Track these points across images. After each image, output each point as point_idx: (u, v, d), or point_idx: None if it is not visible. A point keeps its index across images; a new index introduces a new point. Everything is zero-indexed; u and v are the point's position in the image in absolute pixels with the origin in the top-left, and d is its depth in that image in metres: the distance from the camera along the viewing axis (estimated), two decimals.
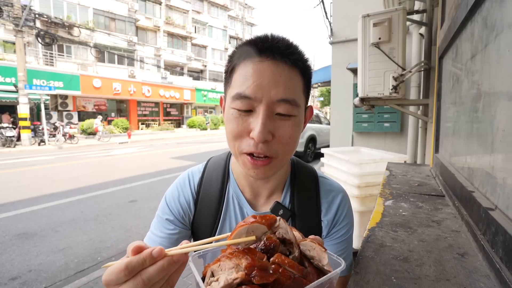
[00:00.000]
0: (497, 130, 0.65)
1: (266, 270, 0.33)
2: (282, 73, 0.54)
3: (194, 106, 26.16)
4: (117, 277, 0.33)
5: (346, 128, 4.96)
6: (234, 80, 0.56)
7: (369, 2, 3.60)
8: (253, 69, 0.54)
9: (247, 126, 0.54)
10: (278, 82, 0.53)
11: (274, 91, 0.53)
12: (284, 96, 0.53)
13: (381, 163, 2.32)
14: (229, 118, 0.57)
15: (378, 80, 2.41)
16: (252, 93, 0.52)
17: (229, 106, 0.57)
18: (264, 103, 0.53)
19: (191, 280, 2.43)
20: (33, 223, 3.72)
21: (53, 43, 12.72)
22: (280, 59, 0.54)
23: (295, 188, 0.69)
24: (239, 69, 0.56)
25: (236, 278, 0.32)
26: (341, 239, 0.68)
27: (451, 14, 1.24)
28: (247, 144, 0.54)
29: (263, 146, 0.53)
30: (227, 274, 0.32)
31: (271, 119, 0.54)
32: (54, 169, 7.27)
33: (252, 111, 0.54)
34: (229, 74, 0.59)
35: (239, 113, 0.55)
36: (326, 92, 23.47)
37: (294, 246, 0.38)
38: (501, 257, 0.53)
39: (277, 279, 0.32)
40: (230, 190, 0.69)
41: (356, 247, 2.35)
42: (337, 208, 0.68)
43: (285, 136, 0.55)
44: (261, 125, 0.52)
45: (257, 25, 37.49)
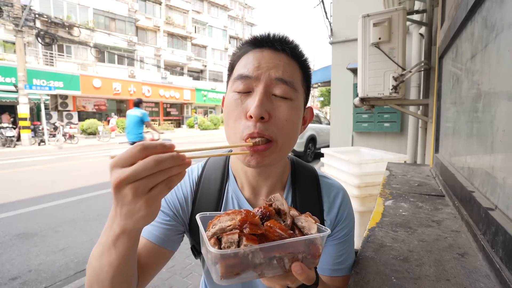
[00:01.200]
0: (497, 130, 0.65)
1: (257, 225, 0.38)
2: (281, 59, 0.57)
3: (194, 106, 26.16)
4: (130, 154, 0.37)
5: (346, 128, 4.96)
6: (236, 69, 0.59)
7: (369, 2, 3.60)
8: (253, 55, 0.57)
9: (246, 107, 0.55)
10: (277, 65, 0.56)
11: (273, 71, 0.55)
12: (282, 76, 0.55)
13: (381, 163, 2.32)
14: (228, 102, 0.58)
15: (378, 80, 2.41)
16: (252, 72, 0.55)
17: (229, 91, 0.59)
18: (262, 81, 0.55)
19: (191, 280, 2.44)
20: (33, 223, 3.72)
21: (53, 43, 12.73)
22: (279, 49, 0.57)
23: (297, 188, 0.68)
24: (241, 60, 0.59)
25: (229, 225, 0.38)
26: (343, 238, 0.67)
27: (451, 14, 1.24)
28: (246, 126, 0.54)
29: (261, 125, 0.53)
30: (223, 223, 0.39)
31: (268, 98, 0.55)
32: (54, 169, 7.27)
33: (251, 92, 0.56)
34: (231, 67, 0.62)
35: (238, 95, 0.56)
36: (326, 92, 23.46)
37: (288, 216, 0.43)
38: (501, 257, 0.53)
39: (265, 234, 0.37)
40: (229, 189, 0.68)
41: (356, 247, 2.35)
42: (339, 207, 0.68)
43: (282, 118, 0.55)
44: (258, 100, 0.52)
45: (257, 25, 37.50)
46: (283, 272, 0.40)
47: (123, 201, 0.38)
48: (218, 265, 0.36)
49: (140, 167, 0.36)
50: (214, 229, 0.39)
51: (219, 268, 0.36)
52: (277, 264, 0.38)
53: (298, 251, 0.39)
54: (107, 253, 0.44)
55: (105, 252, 0.44)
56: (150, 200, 0.37)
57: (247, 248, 0.35)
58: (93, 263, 0.47)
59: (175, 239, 0.65)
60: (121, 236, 0.42)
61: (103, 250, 0.45)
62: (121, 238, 0.42)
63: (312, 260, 0.41)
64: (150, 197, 0.37)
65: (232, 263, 0.36)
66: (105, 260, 0.45)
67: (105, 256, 0.44)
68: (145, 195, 0.37)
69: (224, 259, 0.35)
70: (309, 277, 0.39)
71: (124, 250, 0.43)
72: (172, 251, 0.64)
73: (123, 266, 0.45)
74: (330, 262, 0.66)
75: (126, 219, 0.39)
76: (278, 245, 0.37)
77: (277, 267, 0.39)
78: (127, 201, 0.37)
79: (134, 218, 0.38)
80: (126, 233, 0.41)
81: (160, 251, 0.61)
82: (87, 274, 0.49)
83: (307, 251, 0.40)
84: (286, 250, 0.38)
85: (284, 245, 0.37)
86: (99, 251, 0.46)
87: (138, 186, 0.36)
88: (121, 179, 0.36)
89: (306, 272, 0.39)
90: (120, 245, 0.43)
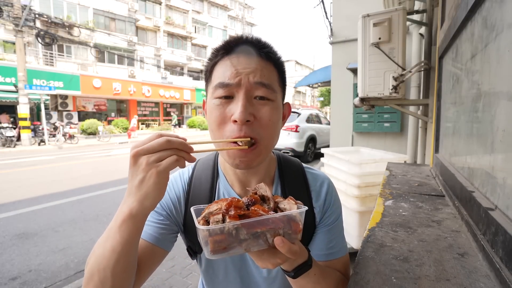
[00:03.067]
0: (497, 130, 0.65)
1: (241, 208, 0.44)
2: (257, 63, 0.59)
3: (194, 106, 26.16)
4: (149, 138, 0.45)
5: (346, 128, 4.96)
6: (214, 75, 0.61)
7: (369, 2, 3.60)
8: (231, 62, 0.59)
9: (229, 112, 0.57)
10: (254, 69, 0.58)
11: (251, 76, 0.57)
12: (261, 80, 0.58)
13: (381, 163, 2.32)
14: (211, 108, 0.60)
15: (378, 80, 2.41)
16: (231, 80, 0.57)
17: (210, 98, 0.61)
18: (243, 87, 0.57)
19: (191, 280, 2.44)
20: (33, 223, 3.72)
21: (53, 43, 12.73)
22: (253, 52, 0.59)
23: (285, 180, 0.72)
24: (217, 67, 0.61)
25: (216, 209, 0.45)
26: (333, 223, 0.72)
27: (451, 14, 1.24)
28: (231, 130, 0.57)
29: (246, 128, 0.56)
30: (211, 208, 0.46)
31: (251, 102, 0.57)
32: (54, 169, 7.28)
33: (232, 97, 0.58)
34: (209, 74, 0.64)
35: (220, 101, 0.58)
36: (326, 92, 23.46)
37: (271, 201, 0.50)
38: (501, 257, 0.53)
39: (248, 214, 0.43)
40: (221, 187, 0.70)
41: (356, 247, 2.35)
42: (326, 194, 0.73)
43: (265, 118, 0.58)
44: (241, 106, 0.55)
45: (257, 25, 37.50)
46: (268, 247, 0.45)
47: (138, 170, 0.44)
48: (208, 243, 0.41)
49: (154, 142, 0.44)
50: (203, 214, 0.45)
51: (209, 244, 0.41)
52: (261, 240, 0.43)
53: (278, 227, 0.44)
54: (112, 237, 0.47)
55: (110, 236, 0.47)
56: (160, 170, 0.44)
57: (230, 223, 0.41)
58: (96, 251, 0.50)
59: (169, 239, 0.67)
60: (128, 219, 0.46)
61: (108, 235, 0.48)
62: (127, 221, 0.46)
63: (294, 235, 0.46)
64: (160, 167, 0.44)
65: (219, 239, 0.41)
66: (109, 245, 0.47)
67: (110, 241, 0.47)
68: (156, 164, 0.44)
69: (211, 236, 0.41)
70: (291, 249, 0.44)
71: (128, 234, 0.47)
72: (166, 250, 0.66)
73: (125, 252, 0.48)
74: (323, 248, 0.70)
75: (137, 190, 0.45)
76: (258, 220, 0.42)
77: (261, 242, 0.44)
78: (141, 169, 0.44)
79: (144, 188, 0.44)
80: (133, 215, 0.45)
81: (154, 250, 0.63)
82: (89, 264, 0.50)
83: (288, 227, 0.45)
84: (266, 226, 0.43)
85: (264, 221, 0.42)
86: (104, 237, 0.49)
87: (151, 156, 0.44)
88: (138, 151, 0.44)
89: (287, 245, 0.43)
90: (125, 229, 0.46)
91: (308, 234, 0.70)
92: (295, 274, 0.51)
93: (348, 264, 0.73)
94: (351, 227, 2.36)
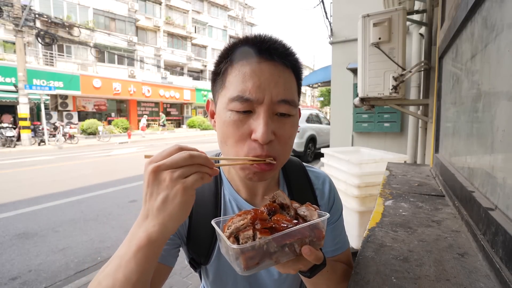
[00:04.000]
0: (497, 130, 0.65)
1: (266, 220, 0.44)
2: (281, 74, 0.54)
3: (194, 106, 26.15)
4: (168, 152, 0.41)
5: (346, 128, 4.96)
6: (230, 81, 0.54)
7: (369, 2, 3.60)
8: (252, 70, 0.52)
9: (248, 128, 0.53)
10: (277, 83, 0.53)
11: (274, 92, 0.53)
12: (284, 97, 0.54)
13: (381, 163, 2.32)
14: (226, 121, 0.54)
15: (378, 80, 2.41)
16: (253, 95, 0.51)
17: (225, 108, 0.55)
18: (265, 104, 0.52)
19: (191, 280, 2.44)
20: (33, 223, 3.72)
21: (53, 43, 12.73)
22: (278, 60, 0.54)
23: (290, 181, 0.72)
24: (235, 70, 0.54)
25: (242, 224, 0.43)
26: (337, 220, 0.73)
27: (451, 14, 1.24)
28: (251, 148, 0.53)
29: (267, 147, 0.53)
30: (236, 223, 0.44)
31: (272, 119, 0.54)
32: (54, 169, 7.28)
33: (251, 111, 0.53)
34: (222, 75, 0.57)
35: (238, 115, 0.53)
36: (326, 92, 23.45)
37: (290, 209, 0.49)
38: (501, 257, 0.53)
39: (274, 227, 0.43)
40: (226, 193, 0.68)
41: (356, 247, 2.35)
42: (329, 191, 0.73)
43: (285, 136, 0.56)
44: (264, 126, 0.51)
45: (257, 25, 37.49)
46: (295, 256, 0.45)
47: (159, 187, 0.39)
48: (239, 259, 0.41)
49: (177, 157, 0.40)
50: (230, 229, 0.44)
51: (241, 261, 0.40)
52: (289, 250, 0.44)
53: (305, 236, 0.44)
54: (125, 266, 0.41)
55: (123, 265, 0.41)
56: (186, 186, 0.39)
57: (262, 240, 0.41)
58: (104, 283, 0.43)
59: (173, 254, 0.64)
60: (146, 246, 0.40)
61: (120, 263, 0.42)
62: (144, 248, 0.40)
63: (318, 242, 0.46)
64: (186, 182, 0.39)
65: (251, 255, 0.41)
66: (121, 275, 0.41)
67: (122, 270, 0.41)
68: (182, 180, 0.39)
69: (244, 253, 0.40)
70: (317, 257, 0.44)
71: (146, 262, 0.41)
72: (171, 267, 0.63)
73: (141, 282, 0.42)
74: (330, 244, 0.71)
75: (159, 211, 0.39)
76: (287, 233, 0.42)
77: (289, 252, 0.44)
78: (164, 187, 0.39)
79: (169, 208, 0.39)
80: (152, 240, 0.40)
81: (160, 268, 0.59)
82: None
83: (312, 235, 0.45)
84: (294, 237, 0.43)
85: (292, 233, 0.43)
86: (114, 266, 0.43)
87: (174, 171, 0.39)
88: (159, 165, 0.39)
89: (314, 253, 0.43)
90: (142, 256, 0.40)
91: None
92: (311, 274, 0.50)
93: (350, 256, 0.74)
94: (351, 227, 2.36)
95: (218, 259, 0.66)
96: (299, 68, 0.59)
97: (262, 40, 0.55)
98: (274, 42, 0.56)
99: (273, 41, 0.56)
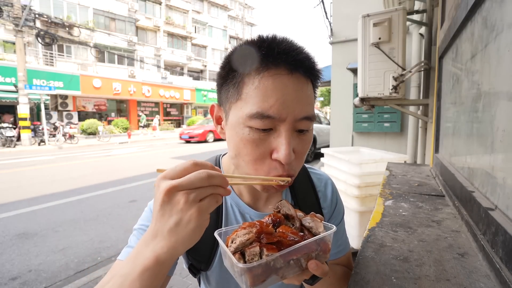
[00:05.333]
0: (497, 130, 0.65)
1: (272, 234, 0.42)
2: (302, 89, 0.51)
3: (194, 106, 26.15)
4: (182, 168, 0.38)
5: (346, 128, 4.96)
6: (247, 93, 0.50)
7: (369, 2, 3.60)
8: (274, 84, 0.48)
9: (268, 146, 0.50)
10: (300, 99, 0.50)
11: (298, 109, 0.50)
12: (307, 114, 0.51)
13: (381, 163, 2.32)
14: (244, 139, 0.50)
15: (378, 80, 2.41)
16: (277, 113, 0.48)
17: (241, 124, 0.51)
18: (287, 122, 0.49)
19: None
20: (33, 223, 3.72)
21: (53, 43, 12.73)
22: (296, 70, 0.50)
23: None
24: (254, 80, 0.49)
25: (248, 238, 0.41)
26: (338, 223, 0.73)
27: (451, 14, 1.24)
28: (272, 167, 0.51)
29: (288, 166, 0.51)
30: (241, 237, 0.41)
31: (293, 137, 0.51)
32: (54, 169, 7.28)
33: (272, 129, 0.50)
34: (237, 83, 0.51)
35: (257, 133, 0.49)
36: (326, 92, 23.42)
37: (296, 220, 0.48)
38: (501, 257, 0.53)
39: (280, 241, 0.42)
40: (227, 198, 0.66)
41: (356, 247, 2.35)
42: (332, 194, 0.73)
43: (303, 153, 0.54)
44: (287, 147, 0.48)
45: (257, 25, 37.50)
46: (301, 271, 0.44)
47: (172, 209, 0.37)
48: (244, 276, 0.39)
49: (193, 176, 0.37)
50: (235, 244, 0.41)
51: (248, 278, 0.39)
52: (295, 265, 0.43)
53: (311, 250, 0.44)
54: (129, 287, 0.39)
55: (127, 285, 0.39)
56: (202, 210, 0.37)
57: (269, 257, 0.40)
58: None
59: None
60: (153, 266, 0.38)
61: (123, 283, 0.39)
62: (152, 269, 0.38)
63: (324, 255, 0.46)
64: (202, 206, 0.37)
65: (258, 273, 0.40)
66: None
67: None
68: (197, 204, 0.37)
69: (251, 271, 0.39)
70: (323, 271, 0.43)
71: (152, 282, 0.39)
72: (169, 276, 0.61)
73: None
74: (333, 248, 0.71)
75: (171, 234, 0.37)
76: (295, 249, 0.42)
77: (295, 267, 0.43)
78: (178, 209, 0.37)
79: (181, 232, 0.37)
80: (160, 262, 0.38)
81: None
82: None
83: (319, 248, 0.45)
84: (301, 252, 0.43)
85: (300, 248, 0.42)
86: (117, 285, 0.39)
87: (190, 193, 0.37)
88: (174, 185, 0.36)
89: (321, 268, 0.42)
90: (149, 277, 0.38)
91: None
92: (313, 282, 0.49)
93: (351, 258, 0.74)
94: (351, 227, 2.36)
95: (220, 266, 0.65)
96: (316, 73, 0.55)
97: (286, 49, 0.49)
98: (300, 52, 0.51)
99: (298, 51, 0.51)
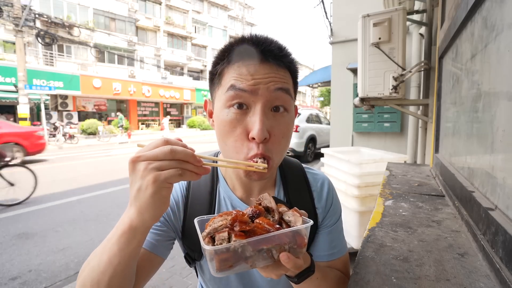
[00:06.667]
0: (497, 130, 0.65)
1: (246, 223, 0.43)
2: (276, 72, 0.55)
3: (194, 106, 26.16)
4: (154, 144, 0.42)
5: (346, 128, 4.96)
6: (225, 80, 0.56)
7: (369, 2, 3.60)
8: (247, 70, 0.54)
9: (245, 127, 0.54)
10: (274, 77, 0.54)
11: (271, 83, 0.54)
12: (281, 85, 0.55)
13: (381, 163, 2.32)
14: (224, 120, 0.55)
15: (378, 80, 2.41)
16: (248, 87, 0.53)
17: (221, 107, 0.56)
18: (261, 97, 0.53)
19: (191, 280, 2.44)
20: (33, 223, 3.72)
21: (53, 43, 12.71)
22: (273, 62, 0.55)
23: (287, 182, 0.71)
24: (231, 70, 0.55)
25: (221, 225, 0.43)
26: (334, 224, 0.72)
27: (451, 14, 1.24)
28: (249, 147, 0.54)
29: (263, 146, 0.53)
30: (215, 223, 0.44)
31: (268, 115, 0.54)
32: (54, 169, 7.27)
33: (247, 108, 0.54)
34: (219, 75, 0.58)
35: (234, 114, 0.54)
36: (326, 92, 23.44)
37: (275, 212, 0.48)
38: (501, 257, 0.53)
39: (254, 230, 0.42)
40: (221, 191, 0.68)
41: (356, 247, 2.35)
42: (327, 194, 0.73)
43: (279, 136, 0.56)
44: (260, 123, 0.52)
45: (257, 25, 37.49)
46: (273, 262, 0.44)
47: (136, 177, 0.41)
48: (213, 260, 0.41)
49: (158, 150, 0.41)
50: (208, 229, 0.43)
51: (215, 262, 0.41)
52: (266, 255, 0.43)
53: (284, 242, 0.44)
54: (110, 249, 0.44)
55: (108, 247, 0.45)
56: (158, 178, 0.40)
57: (236, 243, 0.40)
58: (92, 262, 0.47)
59: (166, 245, 0.64)
60: (128, 231, 0.43)
61: (106, 245, 0.45)
62: (127, 233, 0.43)
63: (299, 249, 0.45)
64: (159, 175, 0.40)
65: (225, 257, 0.41)
66: (106, 257, 0.45)
67: (107, 253, 0.45)
68: (154, 172, 0.40)
69: (217, 254, 0.40)
70: (296, 264, 0.43)
71: (127, 247, 0.44)
72: (163, 258, 0.63)
73: (123, 266, 0.45)
74: (325, 249, 0.69)
75: (135, 200, 0.41)
76: (264, 238, 0.42)
77: (266, 258, 0.43)
78: (138, 176, 0.41)
79: (142, 198, 0.41)
80: (133, 227, 0.43)
81: (151, 257, 0.60)
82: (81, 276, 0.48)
83: (293, 241, 0.44)
84: (272, 242, 0.42)
85: (270, 238, 0.42)
86: (101, 247, 0.46)
87: (151, 163, 0.40)
88: (138, 156, 0.41)
89: (292, 260, 0.43)
90: (125, 241, 0.43)
91: (310, 235, 0.69)
92: (298, 280, 0.50)
93: (348, 263, 0.73)
94: (351, 227, 2.36)
95: None
96: (295, 69, 0.60)
97: (258, 42, 0.56)
98: (270, 43, 0.56)
99: (268, 43, 0.56)
